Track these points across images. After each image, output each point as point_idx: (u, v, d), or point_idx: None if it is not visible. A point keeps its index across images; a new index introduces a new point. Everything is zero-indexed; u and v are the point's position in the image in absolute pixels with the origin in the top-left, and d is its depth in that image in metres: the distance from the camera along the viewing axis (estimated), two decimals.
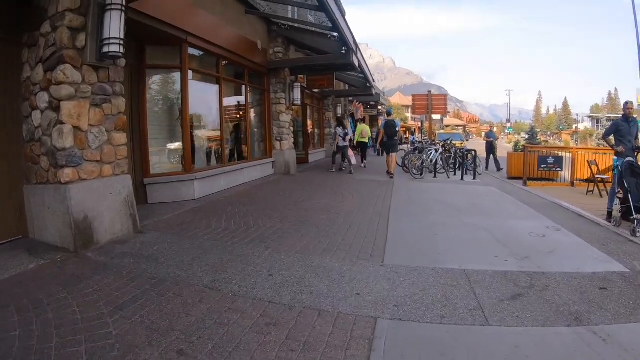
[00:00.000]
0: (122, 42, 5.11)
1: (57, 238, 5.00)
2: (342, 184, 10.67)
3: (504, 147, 49.21)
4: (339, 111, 21.74)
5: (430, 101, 20.75)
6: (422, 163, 12.31)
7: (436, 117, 34.17)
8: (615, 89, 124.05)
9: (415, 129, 55.69)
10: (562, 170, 13.02)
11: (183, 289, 3.68)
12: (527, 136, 15.90)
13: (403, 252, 4.90)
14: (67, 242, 4.89)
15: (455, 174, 13.40)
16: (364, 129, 16.83)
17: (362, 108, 25.40)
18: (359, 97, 24.13)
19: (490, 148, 16.76)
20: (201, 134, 9.56)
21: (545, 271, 4.27)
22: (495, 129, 17.96)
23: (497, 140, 16.51)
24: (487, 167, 16.06)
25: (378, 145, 16.38)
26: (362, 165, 15.69)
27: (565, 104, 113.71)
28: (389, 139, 12.71)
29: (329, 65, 13.22)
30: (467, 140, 19.02)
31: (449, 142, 14.36)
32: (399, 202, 8.16)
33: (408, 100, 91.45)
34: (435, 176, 12.59)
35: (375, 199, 8.46)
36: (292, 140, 13.33)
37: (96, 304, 3.37)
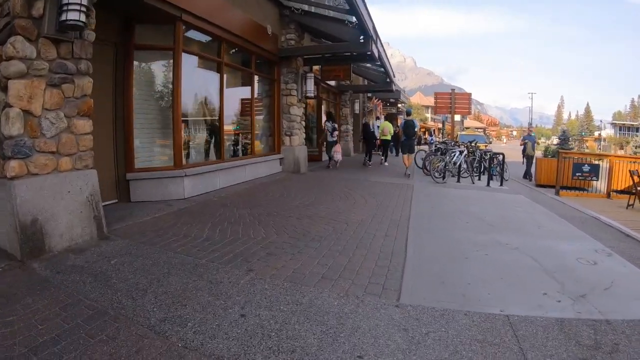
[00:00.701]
0: (84, 9, 4.17)
1: (7, 242, 4.16)
2: (356, 186, 9.60)
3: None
4: (357, 107, 20.56)
5: (453, 100, 19.51)
6: (445, 166, 11.15)
7: (456, 118, 32.76)
8: (639, 96, 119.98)
9: (434, 130, 54.17)
10: (597, 180, 11.75)
11: (121, 330, 2.70)
12: (557, 140, 14.51)
13: (426, 284, 3.81)
14: (14, 248, 4.03)
15: (479, 179, 12.23)
16: (386, 126, 16.28)
17: (381, 105, 24.21)
18: (378, 93, 22.95)
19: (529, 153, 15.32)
20: (196, 125, 8.58)
21: (609, 319, 3.19)
22: (533, 133, 16.53)
23: (537, 143, 15.11)
24: (526, 176, 14.62)
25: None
26: (385, 163, 15.57)
27: (588, 110, 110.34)
28: (407, 138, 12.65)
29: (345, 56, 12.14)
30: (490, 143, 17.61)
31: (473, 144, 13.15)
32: (419, 210, 7.05)
33: (428, 101, 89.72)
34: (458, 180, 11.44)
35: (393, 205, 7.37)
36: (304, 135, 12.29)
37: (10, 340, 2.53)
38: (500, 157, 12.29)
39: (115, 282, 3.49)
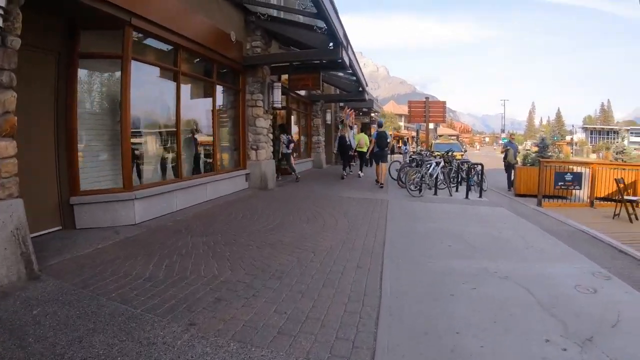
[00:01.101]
0: (1, 12, 3.44)
1: None
2: (326, 203, 8.90)
3: (499, 158, 47.91)
4: (329, 117, 19.91)
5: (427, 109, 19.12)
6: (422, 178, 10.57)
7: (430, 126, 32.57)
8: (608, 101, 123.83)
9: (408, 138, 54.16)
10: (581, 189, 11.35)
11: None
12: (536, 148, 14.08)
13: (405, 335, 3.09)
14: None
15: (457, 190, 11.70)
16: (362, 137, 15.93)
17: (353, 115, 23.68)
18: (351, 102, 22.42)
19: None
20: (150, 141, 7.76)
21: None
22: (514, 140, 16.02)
23: (518, 152, 14.56)
24: (511, 187, 14.01)
25: (368, 155, 15.93)
26: (361, 174, 15.37)
27: (559, 115, 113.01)
28: (380, 149, 12.67)
29: (314, 64, 11.50)
30: (465, 152, 17.19)
31: (450, 153, 12.65)
32: (396, 232, 6.37)
33: (401, 109, 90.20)
34: (435, 193, 10.87)
35: (366, 226, 6.68)
36: (271, 149, 11.56)
37: None
38: (479, 168, 11.79)
39: (31, 342, 2.75)
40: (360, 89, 17.31)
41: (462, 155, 18.22)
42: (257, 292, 3.78)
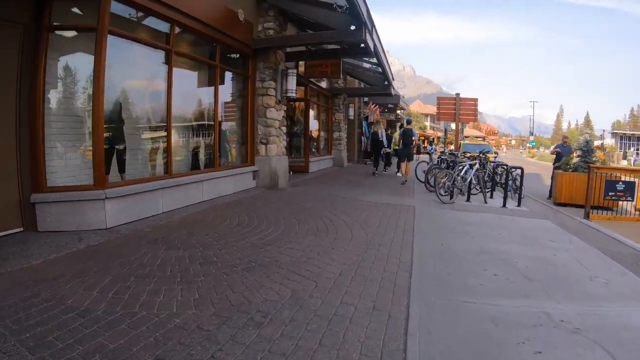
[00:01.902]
0: None
1: None
2: (343, 208, 7.62)
3: (527, 162, 45.53)
4: (351, 112, 18.50)
5: (457, 106, 17.61)
6: (454, 182, 9.17)
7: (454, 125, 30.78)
8: (638, 106, 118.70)
9: (434, 138, 52.30)
10: (632, 200, 9.79)
11: None
12: (579, 152, 12.45)
13: None
14: None
15: (492, 197, 10.27)
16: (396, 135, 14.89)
17: (378, 111, 22.23)
18: (375, 97, 21.02)
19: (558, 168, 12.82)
20: (132, 130, 6.62)
21: None
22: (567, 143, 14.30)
23: (571, 156, 12.87)
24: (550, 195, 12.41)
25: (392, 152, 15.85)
26: (395, 172, 15.09)
27: (587, 119, 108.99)
28: (405, 147, 12.80)
29: (334, 50, 10.22)
30: (497, 154, 15.55)
31: (483, 155, 11.21)
32: (425, 252, 5.02)
33: (427, 109, 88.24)
34: (468, 199, 9.47)
35: (388, 242, 5.37)
36: (284, 143, 10.33)
37: None
38: (517, 172, 10.32)
39: None
40: (386, 82, 15.91)
41: (494, 157, 16.64)
42: (219, 350, 2.54)
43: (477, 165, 9.78)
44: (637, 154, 53.10)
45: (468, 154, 13.35)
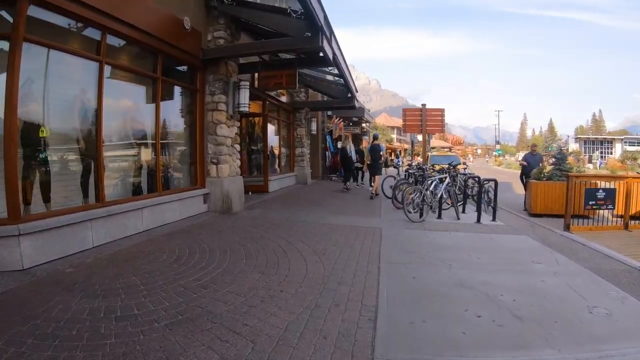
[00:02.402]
0: None
1: None
2: (302, 234, 6.77)
3: (494, 170, 45.75)
4: (314, 127, 17.77)
5: (424, 117, 17.12)
6: (423, 199, 8.47)
7: (420, 137, 30.48)
8: (600, 111, 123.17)
9: (400, 151, 52.23)
10: (614, 208, 9.30)
11: None
12: (553, 160, 12.01)
13: None
14: None
15: (464, 211, 9.65)
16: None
17: (342, 125, 21.59)
18: (339, 110, 20.39)
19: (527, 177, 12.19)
20: (55, 153, 5.60)
21: None
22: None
23: (542, 165, 12.41)
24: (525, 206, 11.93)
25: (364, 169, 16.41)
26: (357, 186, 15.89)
27: (551, 126, 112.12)
28: (373, 161, 13.16)
29: (290, 60, 9.46)
30: (465, 165, 14.94)
31: (453, 167, 10.62)
32: (393, 290, 4.18)
33: (394, 121, 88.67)
34: (439, 216, 8.80)
35: (348, 279, 4.50)
36: (238, 162, 9.43)
37: None
38: (490, 184, 9.72)
39: None
40: (349, 94, 15.26)
41: (463, 168, 16.07)
42: None
43: (447, 179, 9.13)
44: (601, 157, 54.62)
45: (437, 167, 12.72)
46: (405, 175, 13.06)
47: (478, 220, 8.57)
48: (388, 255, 5.60)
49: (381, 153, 13.45)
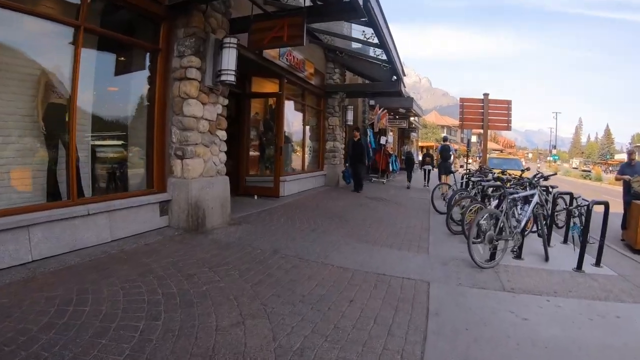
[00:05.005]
0: None
1: None
2: (275, 296, 3.81)
3: (555, 178, 40.10)
4: (350, 117, 14.44)
5: (486, 110, 13.69)
6: (500, 230, 5.22)
7: (472, 138, 26.39)
8: None
9: (455, 150, 48.03)
10: None
11: None
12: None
13: None
14: None
15: (549, 243, 6.28)
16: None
17: (386, 117, 18.27)
18: (383, 99, 17.14)
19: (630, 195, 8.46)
20: None
21: None
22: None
23: None
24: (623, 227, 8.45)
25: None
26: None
27: (608, 132, 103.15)
28: (443, 161, 14.39)
29: (298, 8, 6.48)
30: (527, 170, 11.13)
31: (542, 178, 7.32)
32: None
33: (444, 120, 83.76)
34: (519, 255, 5.60)
35: None
36: (220, 157, 6.55)
37: None
38: (588, 205, 6.18)
39: None
40: (395, 77, 12.04)
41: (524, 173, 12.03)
42: None
43: (536, 197, 5.85)
44: None
45: (497, 172, 9.23)
46: (464, 183, 9.77)
47: (579, 266, 5.31)
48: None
49: (450, 153, 14.47)
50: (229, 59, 5.88)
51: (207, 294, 3.60)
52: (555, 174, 10.38)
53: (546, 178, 7.43)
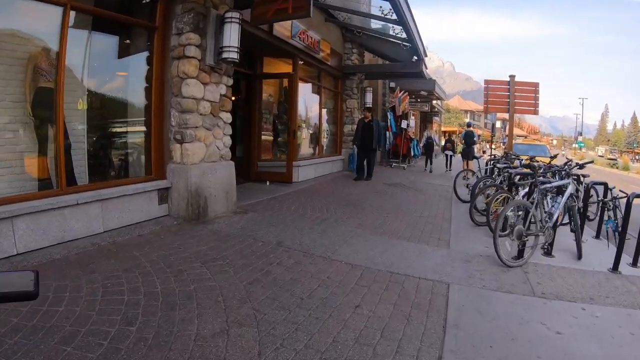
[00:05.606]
0: None
1: None
2: (269, 299, 3.40)
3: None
4: (369, 98, 13.86)
5: (512, 92, 12.91)
6: (529, 224, 4.67)
7: (497, 124, 25.27)
8: None
9: (478, 135, 46.72)
10: None
11: None
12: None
13: None
14: None
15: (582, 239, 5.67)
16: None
17: (407, 99, 17.58)
18: (403, 81, 16.43)
19: None
20: None
21: None
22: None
23: None
24: None
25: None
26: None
27: (635, 120, 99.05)
28: (467, 147, 14.75)
29: None
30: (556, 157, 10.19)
31: (570, 166, 6.68)
32: None
33: (467, 105, 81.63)
34: (549, 252, 5.05)
35: None
36: (226, 140, 6.13)
37: None
38: (629, 199, 5.54)
39: None
40: (416, 57, 11.41)
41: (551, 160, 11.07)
42: None
43: (570, 187, 5.27)
44: None
45: (524, 159, 8.56)
46: (489, 169, 9.13)
47: (615, 266, 4.73)
48: None
49: (474, 139, 15.06)
50: (231, 35, 5.42)
51: (194, 294, 3.21)
52: (592, 161, 9.66)
53: (581, 166, 6.79)
